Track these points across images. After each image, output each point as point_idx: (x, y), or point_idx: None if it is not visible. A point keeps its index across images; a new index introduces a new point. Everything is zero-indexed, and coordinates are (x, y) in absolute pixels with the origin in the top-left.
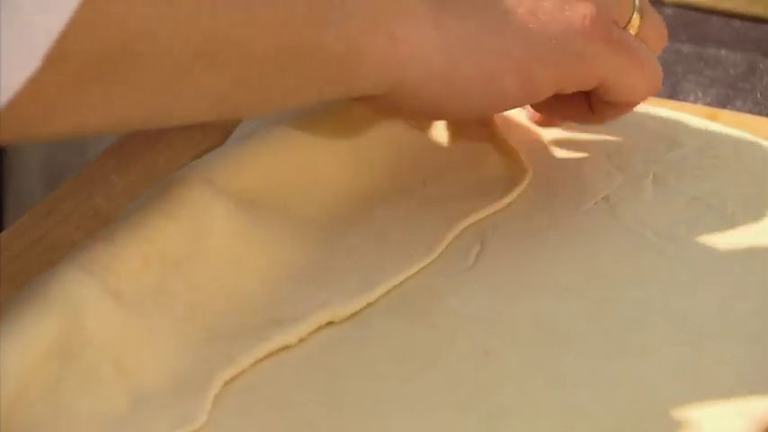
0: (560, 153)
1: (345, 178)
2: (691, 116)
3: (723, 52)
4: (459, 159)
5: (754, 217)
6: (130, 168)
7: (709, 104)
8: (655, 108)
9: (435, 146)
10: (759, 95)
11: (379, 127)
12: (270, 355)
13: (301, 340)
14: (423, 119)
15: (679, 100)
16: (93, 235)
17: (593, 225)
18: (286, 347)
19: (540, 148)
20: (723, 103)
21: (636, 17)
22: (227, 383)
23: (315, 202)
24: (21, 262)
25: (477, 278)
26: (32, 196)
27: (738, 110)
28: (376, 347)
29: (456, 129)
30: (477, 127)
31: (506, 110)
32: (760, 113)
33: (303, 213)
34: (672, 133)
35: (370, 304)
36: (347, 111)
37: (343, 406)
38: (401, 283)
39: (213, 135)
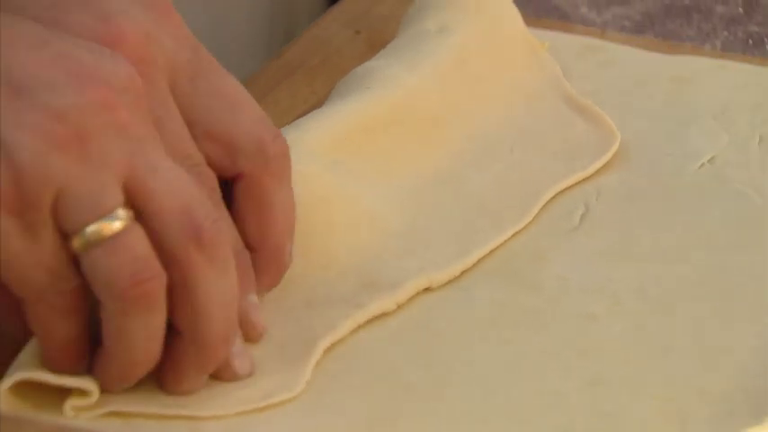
0: (663, 113)
1: (435, 143)
2: None
3: None
4: (543, 126)
5: None
6: None
7: None
8: (761, 68)
9: (516, 114)
10: None
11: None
12: (368, 321)
13: (399, 306)
14: None
15: None
16: None
17: (699, 188)
18: (383, 314)
19: (640, 108)
20: None
21: (108, 225)
22: (326, 350)
23: (405, 167)
24: None
25: (581, 241)
26: None
27: None
28: (477, 311)
29: (532, 96)
30: (555, 94)
31: None
32: None
33: (394, 178)
34: None
35: (469, 268)
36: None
37: (443, 369)
38: (504, 244)
39: (317, 95)
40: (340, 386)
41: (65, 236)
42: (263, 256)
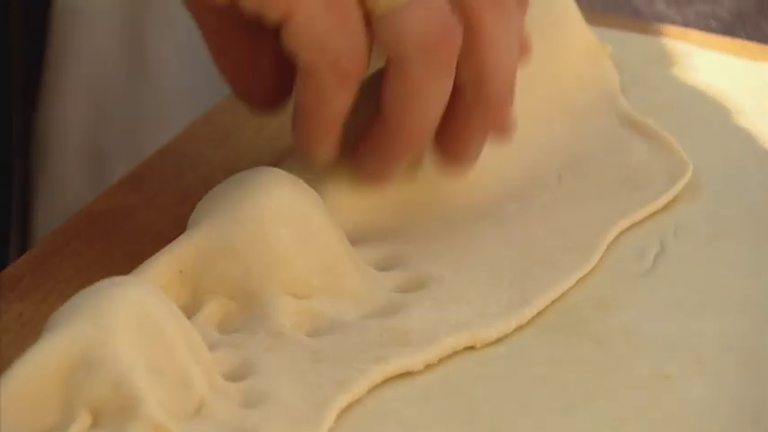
0: (755, 132)
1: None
2: None
3: None
4: (597, 150)
5: None
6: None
7: None
8: None
9: (563, 135)
10: None
11: None
12: (392, 379)
13: (428, 366)
14: None
15: None
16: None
17: None
18: (410, 373)
19: (727, 125)
20: None
21: None
22: (343, 412)
23: (435, 199)
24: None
25: (654, 286)
26: (71, 185)
27: None
28: (530, 373)
29: (582, 114)
30: (609, 113)
31: None
32: None
33: (425, 213)
34: None
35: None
36: None
37: None
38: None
39: None
40: None
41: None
42: (479, 98)
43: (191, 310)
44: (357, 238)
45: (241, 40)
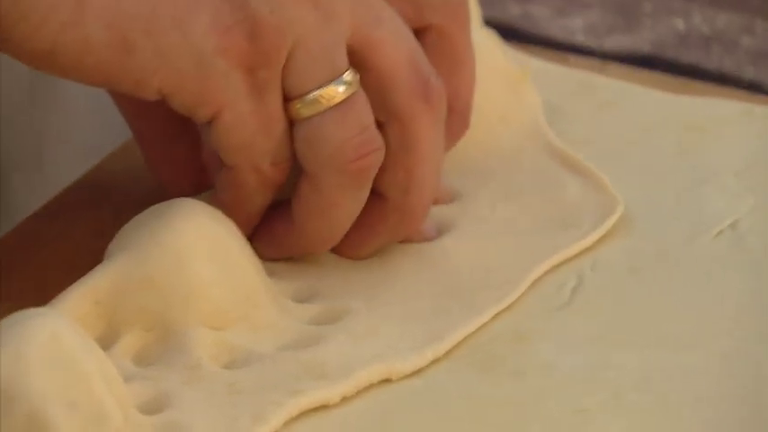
0: (674, 168)
1: None
2: None
3: None
4: (529, 183)
5: None
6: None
7: None
8: None
9: (495, 169)
10: None
11: None
12: (309, 411)
13: (345, 398)
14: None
15: None
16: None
17: (716, 260)
18: (326, 406)
19: (647, 161)
20: None
21: (334, 91)
22: None
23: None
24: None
25: (572, 320)
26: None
27: None
28: (446, 406)
29: (510, 149)
30: (536, 145)
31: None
32: None
33: None
34: None
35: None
36: None
37: None
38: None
39: None
40: None
41: (288, 101)
42: (451, 114)
43: (107, 341)
44: (275, 270)
45: (164, 124)
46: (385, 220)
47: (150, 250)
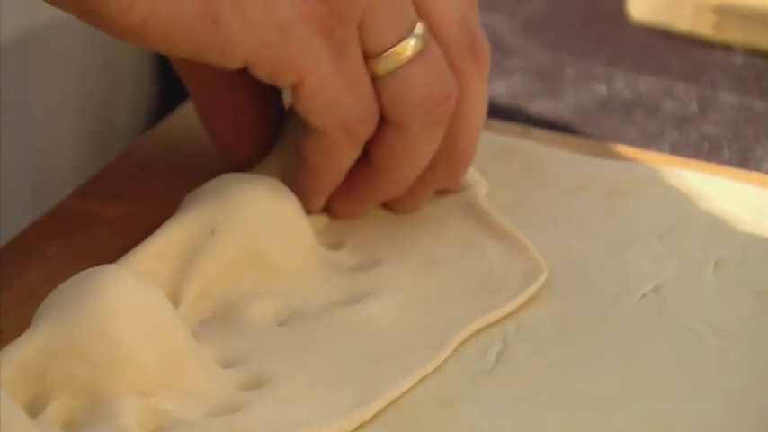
0: (597, 232)
1: (319, 273)
2: (765, 190)
3: None
4: (453, 252)
5: None
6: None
7: None
8: (719, 179)
9: (421, 240)
10: None
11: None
12: None
13: None
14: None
15: (749, 169)
16: None
17: (640, 323)
18: None
19: (570, 225)
20: None
21: (409, 45)
22: None
23: (283, 300)
24: None
25: (497, 384)
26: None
27: None
28: None
29: (439, 219)
30: (465, 215)
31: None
32: None
33: (270, 314)
34: (739, 211)
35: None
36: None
37: None
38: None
39: None
40: None
41: (368, 58)
42: (449, 152)
43: (35, 408)
44: (201, 335)
45: (230, 97)
46: (434, 169)
47: (76, 317)
